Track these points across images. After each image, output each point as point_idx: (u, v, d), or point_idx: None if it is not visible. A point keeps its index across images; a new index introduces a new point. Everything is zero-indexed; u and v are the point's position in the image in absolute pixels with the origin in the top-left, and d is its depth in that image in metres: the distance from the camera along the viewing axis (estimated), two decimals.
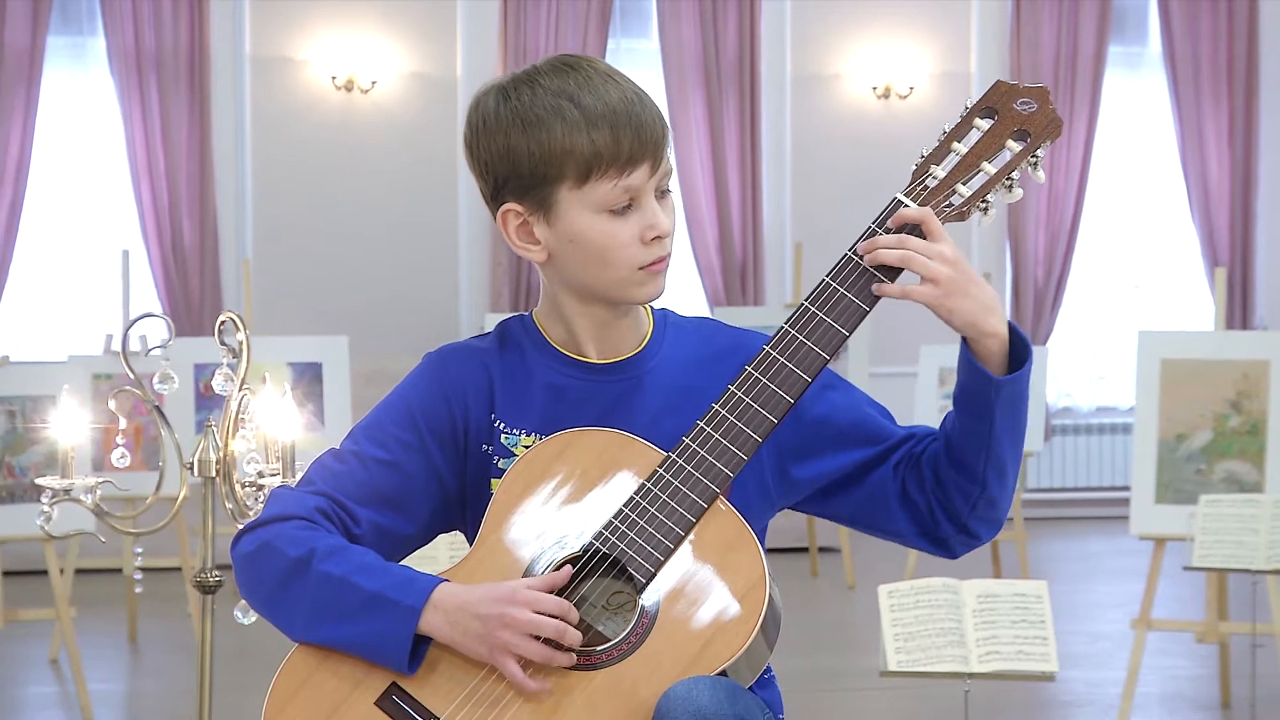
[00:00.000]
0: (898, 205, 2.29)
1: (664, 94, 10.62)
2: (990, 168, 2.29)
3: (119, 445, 3.41)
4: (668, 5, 10.68)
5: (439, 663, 2.22)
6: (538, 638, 2.17)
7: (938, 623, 4.44)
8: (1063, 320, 11.13)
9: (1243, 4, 11.08)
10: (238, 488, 3.39)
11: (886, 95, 10.95)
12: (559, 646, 2.18)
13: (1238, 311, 11.08)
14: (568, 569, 2.22)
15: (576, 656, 2.19)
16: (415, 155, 10.50)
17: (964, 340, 2.28)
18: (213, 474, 3.42)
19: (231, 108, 10.36)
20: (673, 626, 2.19)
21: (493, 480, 2.35)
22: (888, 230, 2.27)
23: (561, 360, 2.39)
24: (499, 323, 2.45)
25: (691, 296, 10.65)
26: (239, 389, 3.39)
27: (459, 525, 2.42)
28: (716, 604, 2.19)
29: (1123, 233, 11.39)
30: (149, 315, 3.49)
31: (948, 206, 2.29)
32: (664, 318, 2.45)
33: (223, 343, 3.38)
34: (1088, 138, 11.03)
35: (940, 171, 2.30)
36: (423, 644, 2.22)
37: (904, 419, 2.45)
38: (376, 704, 2.21)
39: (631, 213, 2.31)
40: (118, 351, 3.47)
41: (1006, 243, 11.10)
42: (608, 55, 10.65)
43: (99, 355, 8.27)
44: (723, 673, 2.16)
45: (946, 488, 2.35)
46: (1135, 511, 6.02)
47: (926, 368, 8.30)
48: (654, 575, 2.21)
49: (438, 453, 2.37)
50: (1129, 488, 6.18)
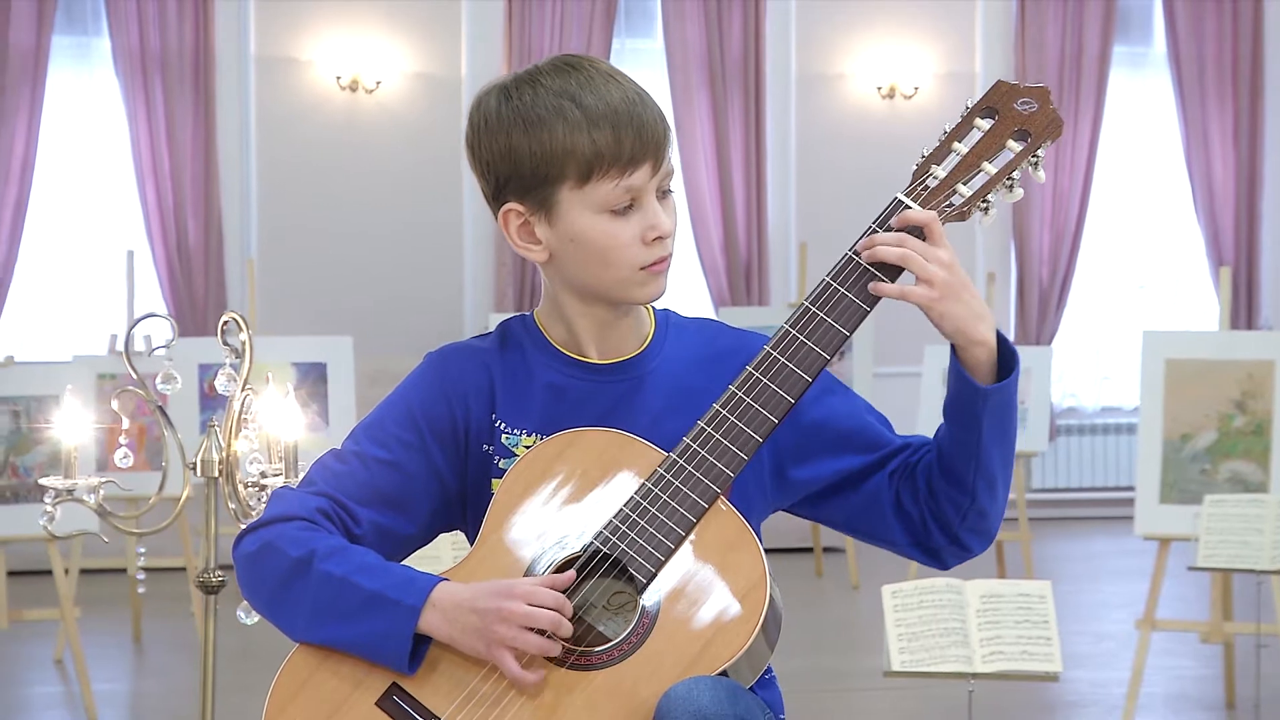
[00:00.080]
0: (898, 205, 2.29)
1: (669, 94, 10.61)
2: (991, 168, 2.29)
3: (122, 445, 3.42)
4: (672, 5, 10.67)
5: (439, 663, 2.22)
6: (535, 632, 2.17)
7: (941, 623, 4.43)
8: (1068, 320, 11.12)
9: (1248, 4, 11.07)
10: (240, 488, 3.40)
11: (891, 95, 10.95)
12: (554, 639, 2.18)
13: (1243, 311, 11.06)
14: (571, 572, 2.22)
15: (576, 656, 2.19)
16: (420, 155, 10.49)
17: (953, 349, 2.28)
18: (215, 474, 3.42)
19: (236, 108, 10.36)
20: (673, 626, 2.19)
21: (493, 480, 2.35)
22: (889, 230, 2.28)
23: (562, 360, 2.39)
24: (500, 323, 2.45)
25: (696, 296, 10.64)
26: (241, 389, 3.39)
27: (460, 525, 2.42)
28: (717, 604, 2.19)
29: (1128, 233, 11.38)
30: (152, 315, 3.50)
31: (948, 206, 2.29)
32: (666, 318, 2.44)
33: (225, 343, 3.39)
34: (1092, 138, 11.02)
35: (941, 171, 2.30)
36: (423, 644, 2.22)
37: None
38: (377, 704, 2.22)
39: (633, 213, 2.31)
40: (122, 352, 3.48)
41: (1011, 242, 11.09)
42: (612, 55, 10.64)
43: (104, 355, 8.26)
44: (723, 673, 2.15)
45: (938, 498, 2.35)
46: (1140, 511, 6.02)
47: (930, 368, 8.29)
48: (655, 575, 2.21)
49: (438, 453, 2.36)
50: (1134, 488, 6.18)
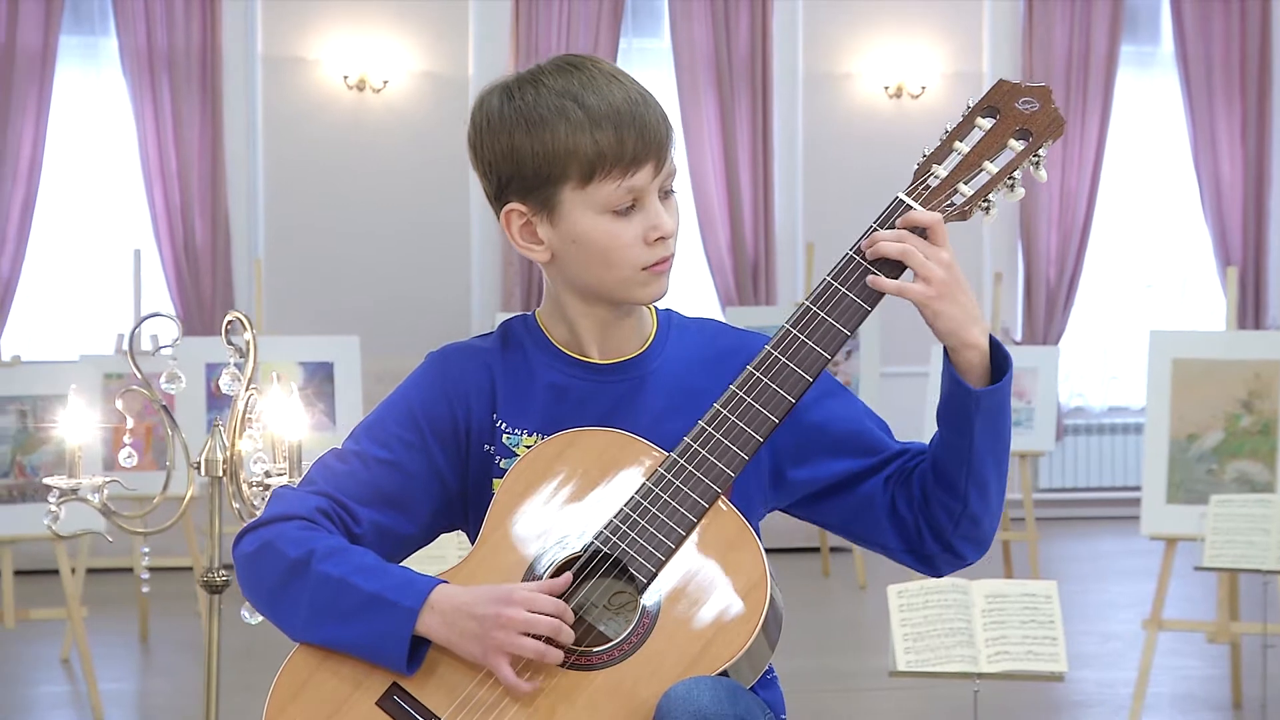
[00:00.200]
0: (899, 204, 2.29)
1: (676, 93, 10.60)
2: (992, 167, 2.29)
3: (126, 445, 3.42)
4: (679, 4, 10.67)
5: (440, 663, 2.22)
6: (534, 637, 2.17)
7: (947, 623, 4.44)
8: (1075, 320, 11.11)
9: (1255, 4, 11.05)
10: (245, 487, 3.40)
11: (898, 95, 10.94)
12: (555, 645, 2.18)
13: (1250, 311, 11.05)
14: (567, 576, 2.21)
15: (576, 656, 2.19)
16: (427, 155, 10.49)
17: (945, 352, 2.28)
18: (220, 474, 3.42)
19: (243, 107, 10.37)
20: (674, 626, 2.18)
21: (494, 480, 2.35)
22: (892, 229, 2.27)
23: (564, 360, 2.38)
24: (501, 322, 2.45)
25: (703, 296, 10.64)
26: (245, 389, 3.39)
27: (461, 525, 2.42)
28: (718, 604, 2.19)
29: (1135, 232, 11.38)
30: (156, 315, 3.50)
31: (949, 206, 2.28)
32: (668, 318, 2.44)
33: (230, 343, 3.39)
34: (1100, 137, 11.01)
35: (942, 171, 2.29)
36: (422, 645, 2.22)
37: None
38: (378, 704, 2.21)
39: (635, 213, 2.31)
40: (127, 351, 3.48)
41: (1019, 242, 11.08)
42: (619, 54, 10.64)
43: (110, 355, 8.27)
44: (724, 673, 2.15)
45: (931, 503, 2.35)
46: (1146, 511, 6.02)
47: (937, 368, 8.25)
48: (655, 575, 2.21)
49: (439, 452, 2.36)
50: (1141, 488, 6.18)
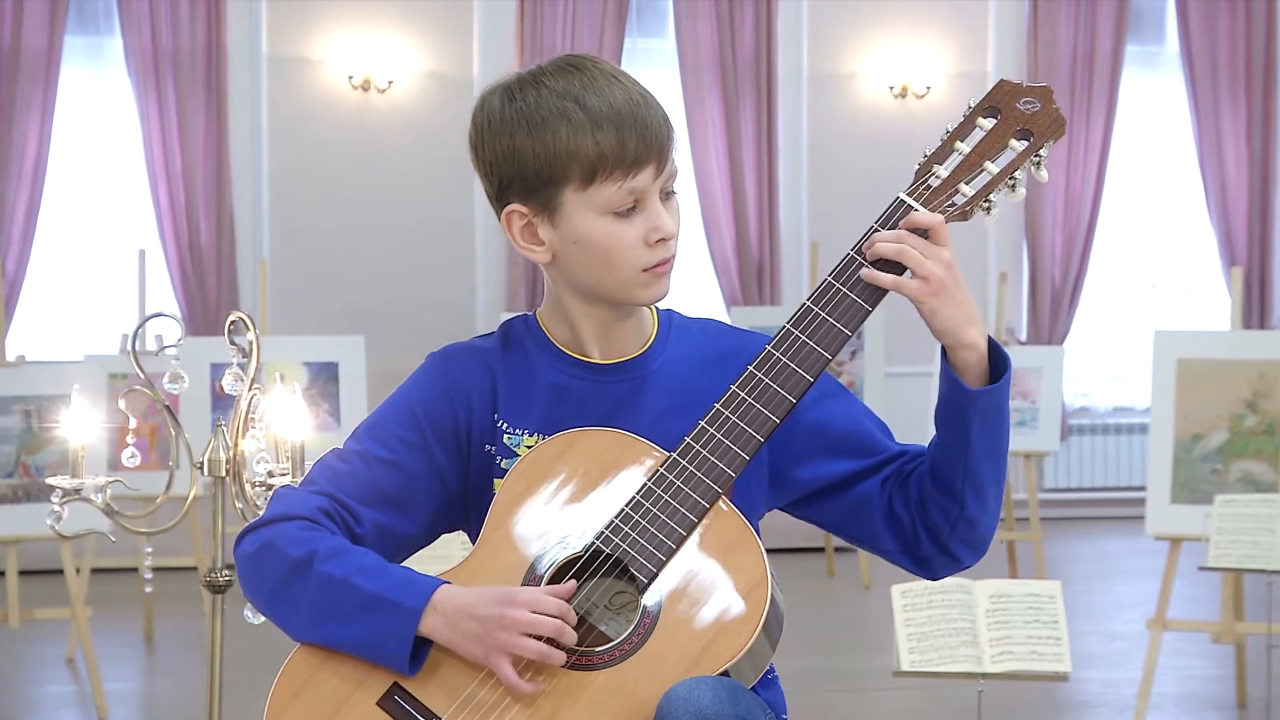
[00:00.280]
0: (900, 204, 2.29)
1: (680, 93, 10.60)
2: (993, 167, 2.29)
3: (129, 445, 3.43)
4: (684, 4, 10.67)
5: (441, 663, 2.22)
6: (536, 638, 2.17)
7: (951, 623, 4.43)
8: (1080, 320, 11.11)
9: (1260, 3, 11.04)
10: (248, 487, 3.40)
11: (903, 95, 10.93)
12: (557, 646, 2.17)
13: (1255, 311, 11.05)
14: (572, 583, 2.21)
15: (577, 656, 2.19)
16: (432, 155, 10.49)
17: (943, 352, 2.28)
18: (222, 473, 3.43)
19: (248, 107, 10.37)
20: (675, 626, 2.18)
21: (495, 480, 2.35)
22: (893, 229, 2.27)
23: (565, 360, 2.38)
24: (502, 323, 2.45)
25: (708, 296, 10.64)
26: (248, 389, 3.39)
27: (462, 525, 2.42)
28: (719, 604, 2.19)
29: (1140, 232, 11.37)
30: (159, 315, 3.50)
31: (950, 206, 2.28)
32: (669, 318, 2.44)
33: (232, 342, 3.39)
34: (1105, 137, 11.00)
35: (943, 171, 2.29)
36: (424, 645, 2.22)
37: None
38: (379, 704, 2.21)
39: (636, 214, 2.30)
40: (130, 351, 3.48)
41: (1024, 242, 11.08)
42: (624, 54, 10.64)
43: (116, 355, 8.27)
44: (725, 673, 2.15)
45: (927, 505, 2.35)
46: (1151, 511, 6.02)
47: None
48: (656, 575, 2.21)
49: (440, 452, 2.36)
50: (1145, 488, 6.17)
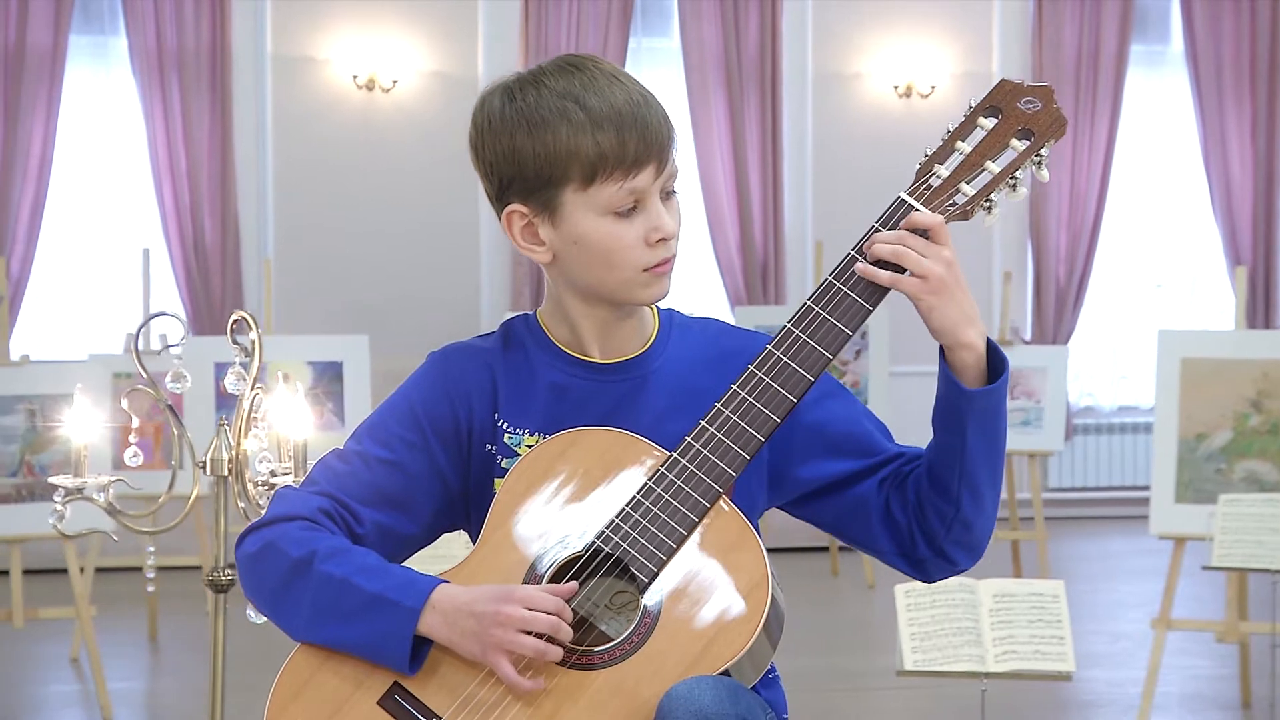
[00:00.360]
0: (901, 204, 2.28)
1: (685, 93, 10.59)
2: (994, 167, 2.28)
3: (132, 444, 3.43)
4: (689, 4, 10.66)
5: (442, 663, 2.22)
6: (533, 635, 2.17)
7: (954, 622, 4.43)
8: (1084, 319, 11.10)
9: (1265, 3, 11.03)
10: (250, 487, 3.40)
11: (908, 94, 10.93)
12: (554, 643, 2.17)
13: (1259, 310, 11.04)
14: (573, 584, 2.21)
15: (577, 656, 2.19)
16: (436, 154, 10.49)
17: (941, 352, 2.27)
18: (225, 473, 3.43)
19: (253, 107, 10.37)
20: (675, 626, 2.18)
21: (496, 480, 2.35)
22: (894, 229, 2.27)
23: (565, 360, 2.38)
24: (502, 322, 2.45)
25: (712, 296, 10.63)
26: (251, 388, 3.39)
27: (462, 525, 2.42)
28: (719, 603, 2.19)
29: (1145, 232, 11.36)
30: (162, 314, 3.50)
31: (951, 205, 2.28)
32: (669, 318, 2.44)
33: (235, 342, 3.39)
34: (1109, 137, 10.99)
35: (944, 170, 2.29)
36: (424, 645, 2.22)
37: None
38: (379, 704, 2.21)
39: (637, 214, 2.30)
40: (133, 350, 3.48)
41: (1028, 241, 11.07)
42: (628, 54, 10.64)
43: (120, 354, 8.28)
44: (725, 672, 2.15)
45: (923, 507, 2.34)
46: (1155, 511, 6.01)
47: None
48: (657, 575, 2.21)
49: (441, 452, 2.37)
50: (1150, 487, 6.17)
